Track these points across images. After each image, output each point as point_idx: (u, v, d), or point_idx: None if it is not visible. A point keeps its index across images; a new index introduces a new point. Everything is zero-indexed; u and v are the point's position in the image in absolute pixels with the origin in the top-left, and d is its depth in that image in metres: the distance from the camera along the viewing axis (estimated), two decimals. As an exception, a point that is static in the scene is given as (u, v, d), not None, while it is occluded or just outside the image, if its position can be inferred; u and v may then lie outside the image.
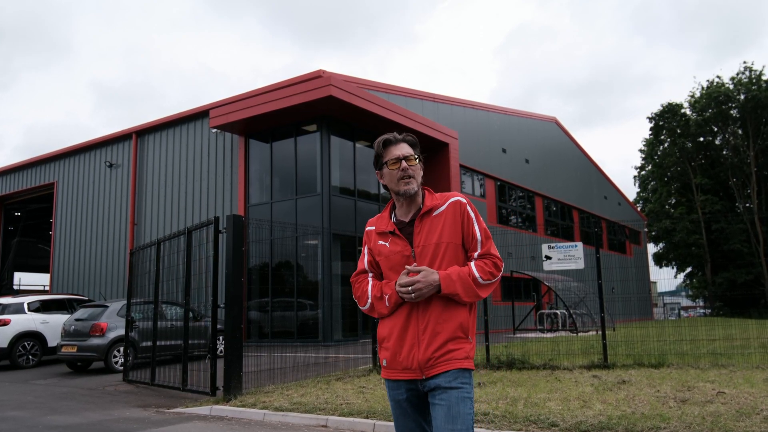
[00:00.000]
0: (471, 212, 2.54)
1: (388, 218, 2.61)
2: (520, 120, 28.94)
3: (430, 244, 2.47)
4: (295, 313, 16.89)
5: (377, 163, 2.62)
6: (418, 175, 2.56)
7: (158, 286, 9.76)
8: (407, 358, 2.42)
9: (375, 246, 2.60)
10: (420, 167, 2.59)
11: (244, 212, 18.10)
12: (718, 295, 46.33)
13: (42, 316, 13.77)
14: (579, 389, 7.09)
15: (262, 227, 17.74)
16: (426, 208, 2.53)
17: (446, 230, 2.48)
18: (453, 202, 2.54)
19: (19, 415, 7.50)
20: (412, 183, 2.52)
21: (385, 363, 2.53)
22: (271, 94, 16.92)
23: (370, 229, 2.67)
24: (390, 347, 2.48)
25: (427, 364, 2.39)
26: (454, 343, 2.41)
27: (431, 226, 2.49)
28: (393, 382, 2.50)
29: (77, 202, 24.22)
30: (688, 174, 48.75)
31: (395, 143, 2.58)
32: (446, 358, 2.39)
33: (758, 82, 44.96)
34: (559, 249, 11.17)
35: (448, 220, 2.49)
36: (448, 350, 2.39)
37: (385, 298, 2.48)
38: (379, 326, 2.58)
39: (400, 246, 2.51)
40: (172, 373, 9.21)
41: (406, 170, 2.52)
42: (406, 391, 2.48)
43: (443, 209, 2.52)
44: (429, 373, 2.39)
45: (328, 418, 6.23)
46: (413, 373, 2.42)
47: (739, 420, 5.17)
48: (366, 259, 2.67)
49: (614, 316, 23.12)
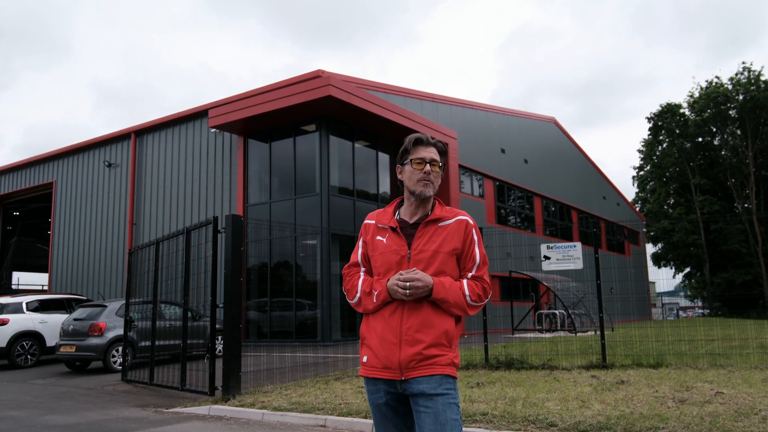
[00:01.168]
0: (475, 235, 2.55)
1: (392, 215, 2.60)
2: (519, 120, 28.95)
3: (428, 250, 2.46)
4: (293, 312, 16.89)
5: (401, 158, 2.61)
6: (436, 183, 2.56)
7: (157, 285, 9.76)
8: (387, 357, 2.39)
9: (371, 240, 2.59)
10: (440, 176, 2.59)
11: (243, 212, 18.10)
12: (716, 296, 46.39)
13: (41, 316, 13.76)
14: (577, 389, 7.10)
15: (261, 227, 17.73)
16: (434, 216, 2.53)
17: (447, 243, 2.48)
18: (460, 220, 2.54)
19: (17, 414, 7.49)
20: (429, 187, 2.53)
21: (365, 359, 2.49)
22: (270, 94, 16.91)
23: (369, 222, 2.65)
24: (371, 345, 2.46)
25: (408, 365, 2.36)
26: (438, 348, 2.38)
27: (434, 234, 2.49)
28: (371, 382, 2.47)
29: (76, 202, 24.20)
30: (687, 174, 48.80)
31: (426, 145, 2.57)
32: (429, 363, 2.37)
33: (757, 83, 45.02)
34: (558, 249, 11.18)
35: (451, 234, 2.50)
36: (432, 354, 2.37)
37: (374, 294, 2.46)
38: (363, 323, 2.56)
39: (397, 245, 2.50)
40: (170, 373, 9.20)
41: (428, 174, 2.52)
42: (385, 394, 2.44)
43: (449, 223, 2.53)
44: (409, 375, 2.36)
45: (327, 418, 6.23)
46: (392, 372, 2.39)
47: (737, 420, 5.17)
48: (360, 251, 2.64)
49: (613, 317, 23.15)
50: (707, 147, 49.92)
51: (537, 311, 22.83)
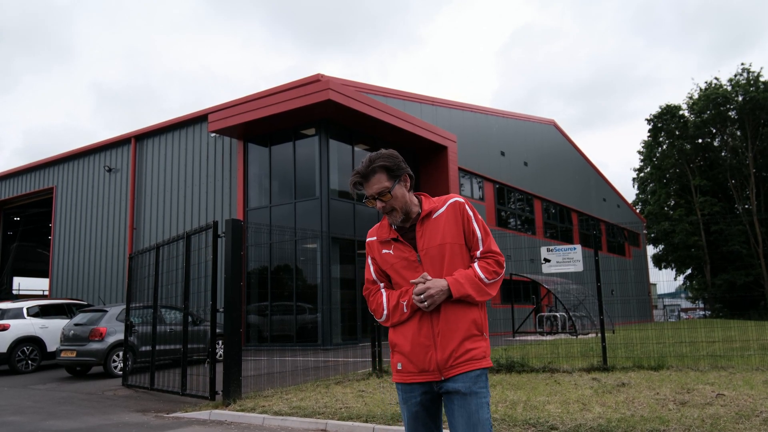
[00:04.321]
0: (469, 210, 2.56)
1: (389, 227, 2.61)
2: (519, 123, 28.97)
3: (433, 246, 2.48)
4: (294, 316, 16.88)
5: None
6: (399, 202, 2.51)
7: (157, 290, 9.76)
8: (424, 360, 2.42)
9: (380, 256, 2.61)
10: (399, 192, 2.51)
11: (243, 216, 18.11)
12: (717, 297, 46.33)
13: (41, 321, 13.76)
14: (578, 392, 7.09)
15: (261, 231, 17.74)
16: (425, 212, 2.54)
17: (448, 231, 2.50)
18: (452, 203, 2.56)
19: (18, 420, 7.48)
20: (395, 214, 2.53)
21: (399, 367, 2.50)
22: (270, 98, 16.94)
23: (371, 240, 2.67)
24: (404, 351, 2.48)
25: (446, 365, 2.40)
26: (471, 341, 2.42)
27: (433, 228, 2.51)
28: (407, 388, 2.49)
29: (76, 207, 24.22)
30: (687, 176, 48.81)
31: (367, 181, 2.51)
32: (466, 358, 2.40)
33: (756, 84, 45.05)
34: (558, 251, 11.18)
35: (449, 221, 2.51)
36: (467, 349, 2.41)
37: (403, 305, 2.48)
38: (392, 332, 2.58)
39: (406, 252, 2.52)
40: (171, 378, 9.20)
41: (384, 207, 2.52)
42: (420, 395, 2.46)
43: (442, 211, 2.54)
44: (449, 374, 2.40)
45: (328, 422, 6.22)
46: (431, 375, 2.42)
47: (738, 422, 5.17)
48: (372, 269, 2.66)
49: (613, 319, 23.12)
50: (707, 148, 49.93)
51: (538, 314, 22.80)
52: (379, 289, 2.62)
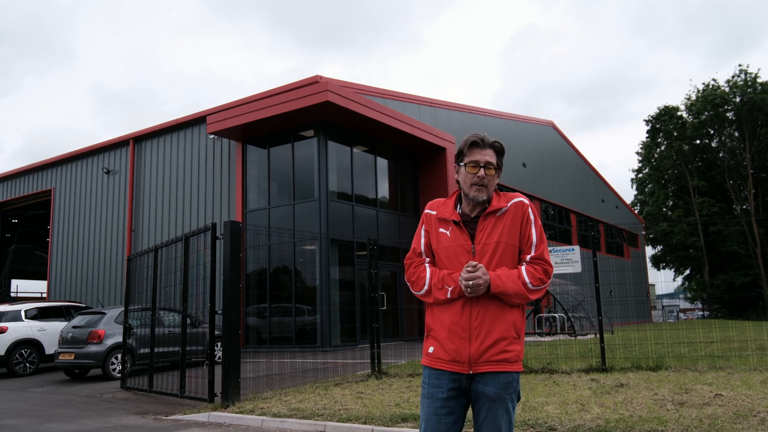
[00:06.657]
0: (531, 214, 2.58)
1: (453, 208, 2.63)
2: (517, 124, 29.00)
3: (491, 242, 2.50)
4: (293, 318, 16.87)
5: (457, 159, 2.65)
6: (491, 185, 2.57)
7: (156, 292, 9.75)
8: (457, 350, 2.42)
9: (435, 232, 2.61)
10: (496, 177, 2.60)
11: (242, 218, 18.10)
12: (716, 298, 46.39)
13: (39, 324, 13.74)
14: (577, 393, 7.10)
15: (260, 233, 17.73)
16: (492, 208, 2.56)
17: (506, 231, 2.52)
18: (516, 203, 2.58)
19: (16, 423, 7.48)
20: (482, 192, 2.55)
21: (431, 350, 2.50)
22: (268, 99, 16.95)
23: (430, 213, 2.67)
24: (438, 337, 2.48)
25: (478, 360, 2.40)
26: (507, 343, 2.42)
27: (494, 225, 2.53)
28: (435, 375, 2.47)
29: (75, 209, 24.20)
30: (685, 176, 48.89)
31: (481, 147, 2.59)
32: (499, 359, 2.40)
33: (753, 85, 45.16)
34: (557, 252, 11.19)
35: (509, 221, 2.53)
36: (501, 350, 2.41)
37: (448, 290, 2.47)
38: (429, 315, 2.57)
39: (462, 239, 2.53)
40: (170, 380, 9.19)
41: (482, 179, 2.55)
42: (447, 390, 2.45)
43: (506, 209, 2.56)
44: (478, 369, 2.40)
45: (326, 424, 6.22)
46: (461, 366, 2.42)
47: (736, 422, 5.18)
48: (423, 240, 2.66)
49: (612, 320, 23.13)
50: (705, 149, 50.03)
51: (536, 315, 22.82)
52: (424, 263, 2.62)
